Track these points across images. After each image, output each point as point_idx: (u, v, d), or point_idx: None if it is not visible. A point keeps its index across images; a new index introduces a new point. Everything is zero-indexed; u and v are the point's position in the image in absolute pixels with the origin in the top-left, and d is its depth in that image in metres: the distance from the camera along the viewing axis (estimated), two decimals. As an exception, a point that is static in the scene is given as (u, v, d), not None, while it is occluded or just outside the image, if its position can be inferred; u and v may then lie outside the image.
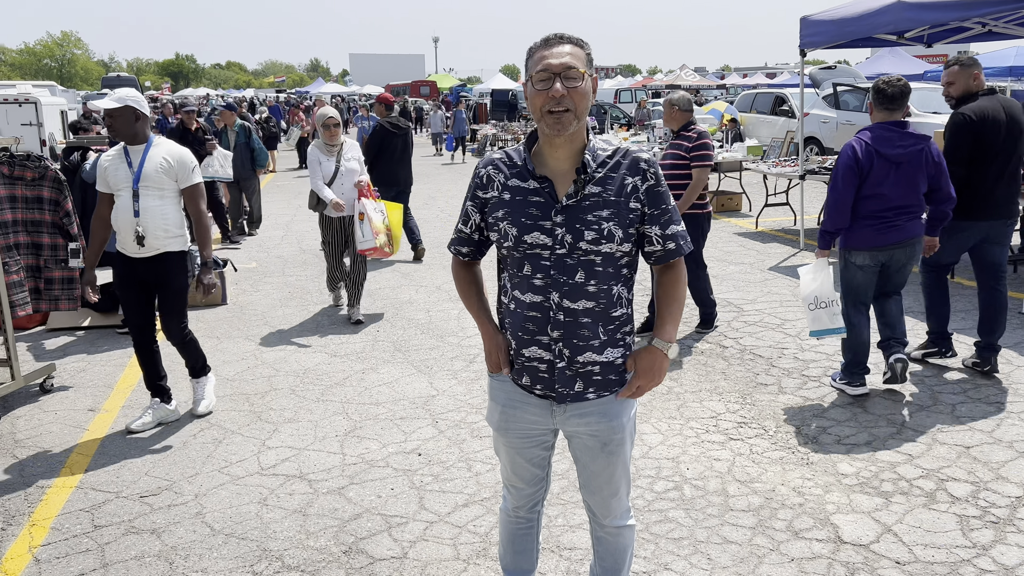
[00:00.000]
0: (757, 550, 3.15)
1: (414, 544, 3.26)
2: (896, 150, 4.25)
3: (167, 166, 4.26)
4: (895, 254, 4.38)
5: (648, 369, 2.18)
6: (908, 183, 4.28)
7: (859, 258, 4.41)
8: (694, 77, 34.03)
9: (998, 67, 17.61)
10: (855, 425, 4.25)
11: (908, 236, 4.35)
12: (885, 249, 4.36)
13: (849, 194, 4.28)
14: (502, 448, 2.34)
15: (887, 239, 4.32)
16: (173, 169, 4.27)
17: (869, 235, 4.34)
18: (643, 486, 3.67)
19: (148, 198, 4.24)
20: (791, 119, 16.15)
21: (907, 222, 4.34)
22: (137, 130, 4.21)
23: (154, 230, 4.25)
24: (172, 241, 4.33)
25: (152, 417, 4.46)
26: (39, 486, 3.84)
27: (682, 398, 4.69)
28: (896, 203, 4.29)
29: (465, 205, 2.26)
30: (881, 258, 4.39)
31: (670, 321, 2.20)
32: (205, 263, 4.36)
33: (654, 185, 2.12)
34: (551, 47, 2.05)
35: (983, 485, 3.59)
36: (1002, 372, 4.92)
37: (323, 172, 6.24)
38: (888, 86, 4.30)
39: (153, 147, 4.29)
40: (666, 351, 2.19)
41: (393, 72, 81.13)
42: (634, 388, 2.19)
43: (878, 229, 4.32)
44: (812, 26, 8.32)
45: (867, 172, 4.26)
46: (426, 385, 5.03)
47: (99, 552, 3.26)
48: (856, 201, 4.33)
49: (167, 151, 4.29)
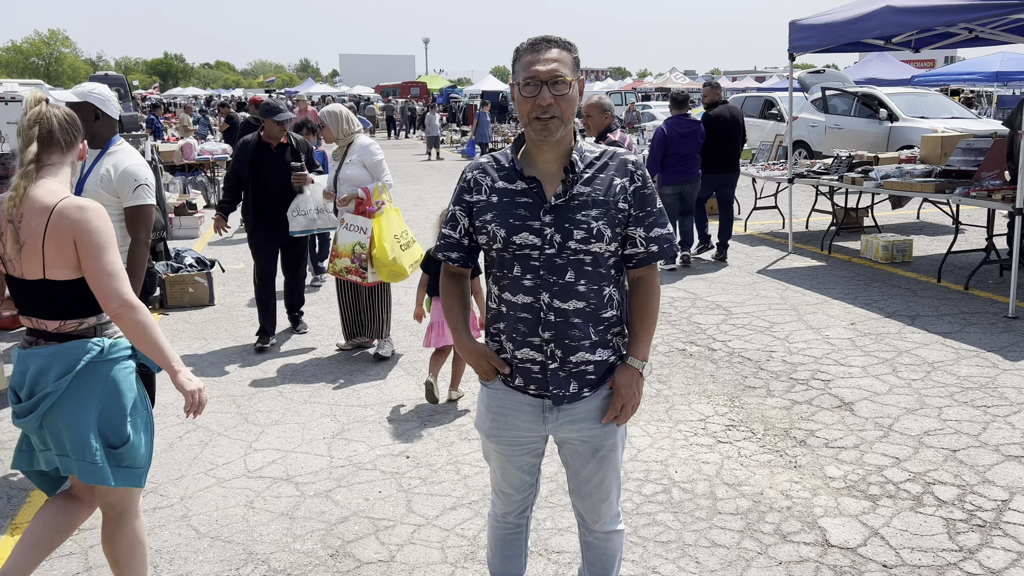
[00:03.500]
0: (745, 553, 3.15)
1: (401, 547, 3.25)
2: (684, 130, 7.81)
3: (107, 179, 3.63)
4: (685, 187, 7.94)
5: (627, 385, 2.15)
6: (691, 147, 7.83)
7: (668, 189, 7.89)
8: (684, 80, 34.15)
9: (985, 72, 17.75)
10: (843, 428, 4.26)
11: (692, 176, 7.93)
12: (680, 184, 7.89)
13: (659, 154, 7.78)
14: (492, 455, 2.32)
15: (682, 177, 7.87)
16: (113, 184, 3.63)
17: (672, 176, 7.83)
18: (631, 489, 3.67)
19: None
20: (780, 123, 16.22)
21: (690, 168, 7.88)
22: (96, 131, 3.67)
23: None
24: None
25: None
26: (22, 488, 3.79)
27: (671, 401, 4.69)
28: (685, 158, 7.82)
29: (452, 210, 2.23)
30: (679, 189, 7.92)
31: (644, 338, 2.17)
32: None
33: (641, 187, 2.12)
34: (538, 51, 2.04)
35: (970, 488, 3.61)
36: (988, 376, 4.96)
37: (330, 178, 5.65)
38: (679, 95, 8.08)
39: (107, 154, 3.69)
40: (640, 369, 2.16)
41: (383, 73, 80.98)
42: (618, 408, 2.16)
43: (677, 172, 7.83)
44: (801, 31, 8.36)
45: (669, 141, 7.75)
46: (414, 387, 5.01)
47: (83, 556, 3.22)
48: (664, 157, 7.79)
49: (116, 161, 3.66)
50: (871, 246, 8.35)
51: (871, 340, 5.69)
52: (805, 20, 8.36)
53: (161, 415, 4.61)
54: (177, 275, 6.93)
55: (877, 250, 8.25)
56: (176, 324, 6.48)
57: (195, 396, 2.45)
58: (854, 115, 14.49)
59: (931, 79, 19.19)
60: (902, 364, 5.20)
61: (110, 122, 3.77)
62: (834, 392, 4.77)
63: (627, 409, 2.17)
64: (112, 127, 3.79)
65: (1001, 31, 7.74)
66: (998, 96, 25.21)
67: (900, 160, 9.16)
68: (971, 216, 10.48)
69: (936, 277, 7.42)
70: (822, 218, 10.72)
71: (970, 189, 6.87)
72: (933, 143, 8.67)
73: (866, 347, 5.55)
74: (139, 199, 3.66)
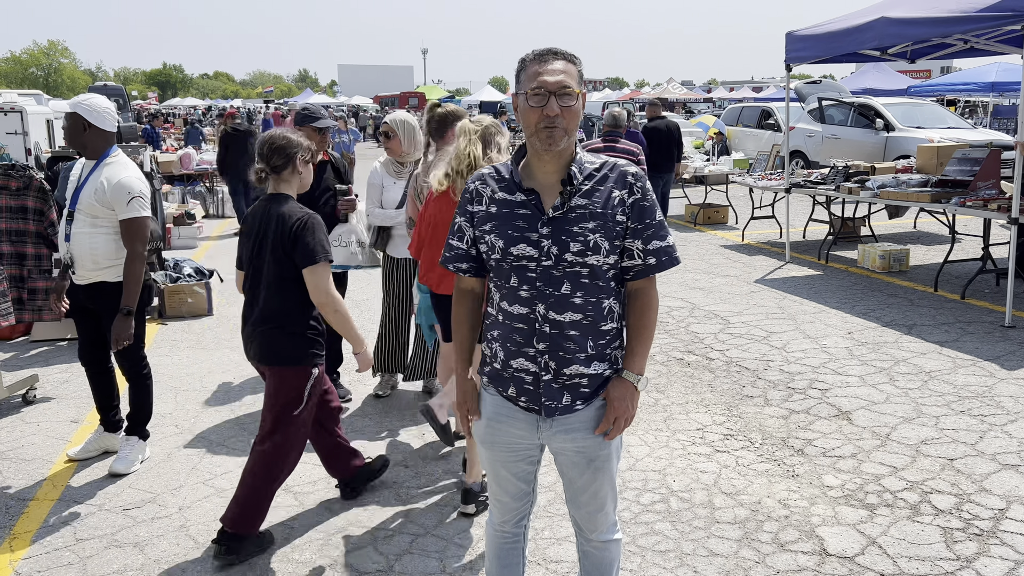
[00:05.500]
0: (743, 562, 3.16)
1: (400, 558, 3.25)
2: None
3: (101, 192, 3.70)
4: None
5: (620, 399, 2.15)
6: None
7: None
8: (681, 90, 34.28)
9: (980, 83, 17.83)
10: (840, 437, 4.27)
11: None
12: None
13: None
14: (487, 462, 2.33)
15: None
16: (107, 196, 3.70)
17: None
18: (629, 498, 3.67)
19: (80, 223, 3.78)
20: (777, 133, 16.28)
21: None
22: (86, 142, 3.74)
23: (81, 259, 3.79)
24: (105, 272, 3.84)
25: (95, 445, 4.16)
26: (20, 499, 3.79)
27: (668, 410, 4.70)
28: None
29: (457, 221, 2.24)
30: None
31: (640, 352, 2.17)
32: (126, 311, 3.72)
33: (640, 199, 2.13)
34: (545, 63, 2.06)
35: (967, 497, 3.61)
36: (985, 385, 4.97)
37: (385, 200, 4.72)
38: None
39: (102, 166, 3.76)
40: (636, 384, 2.16)
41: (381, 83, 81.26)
42: (611, 421, 2.16)
43: None
44: (798, 42, 8.41)
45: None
46: (413, 396, 5.02)
47: (81, 566, 3.22)
48: None
49: (110, 173, 3.72)
50: (868, 255, 8.37)
51: (868, 349, 5.71)
52: (802, 31, 8.41)
53: (159, 425, 4.61)
54: (176, 285, 6.94)
55: (874, 259, 8.28)
56: (174, 334, 6.49)
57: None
58: (851, 125, 14.54)
59: (927, 89, 19.28)
60: (899, 373, 5.21)
61: (102, 134, 3.79)
62: (831, 401, 4.78)
63: (619, 423, 2.17)
64: (106, 139, 3.80)
65: (996, 42, 7.79)
66: (994, 106, 25.33)
67: (896, 170, 9.19)
68: (967, 226, 10.52)
69: (933, 286, 7.45)
70: (819, 228, 10.75)
71: (966, 199, 6.90)
72: (929, 153, 8.71)
73: (863, 356, 5.56)
74: (133, 211, 3.71)
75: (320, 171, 4.59)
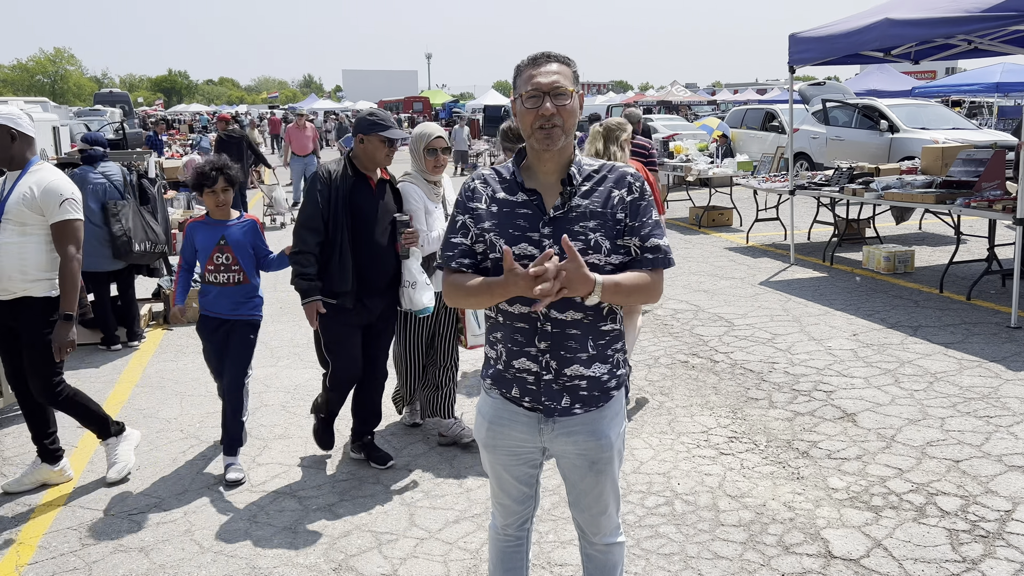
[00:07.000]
0: (748, 565, 3.15)
1: (404, 561, 3.25)
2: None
3: (30, 197, 3.60)
4: None
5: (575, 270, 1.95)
6: None
7: None
8: (685, 93, 34.28)
9: (985, 83, 17.81)
10: (845, 439, 4.26)
11: None
12: None
13: None
14: (489, 465, 2.34)
15: None
16: (36, 201, 3.60)
17: None
18: (634, 501, 3.67)
19: (6, 233, 3.61)
20: (781, 135, 16.27)
21: None
22: (13, 153, 3.65)
23: (9, 271, 3.62)
24: (33, 285, 3.67)
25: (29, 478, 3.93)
26: (26, 504, 3.81)
27: (673, 413, 4.69)
28: None
29: (458, 219, 2.21)
30: None
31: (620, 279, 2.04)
32: (65, 316, 3.62)
33: (638, 198, 2.14)
34: (539, 66, 2.10)
35: (972, 499, 3.60)
36: (990, 386, 4.95)
37: (430, 226, 4.11)
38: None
39: (27, 174, 3.67)
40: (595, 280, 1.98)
41: (386, 88, 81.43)
42: (557, 275, 1.94)
43: None
44: (801, 43, 8.40)
45: None
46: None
47: (87, 571, 3.23)
48: None
49: (37, 179, 3.64)
50: (873, 257, 8.35)
51: (873, 351, 5.69)
52: (805, 33, 8.41)
53: (165, 430, 4.62)
54: (181, 290, 6.95)
55: (879, 261, 8.26)
56: (179, 339, 6.50)
57: None
58: (855, 127, 14.52)
59: (932, 90, 19.26)
60: (904, 375, 5.20)
61: (28, 140, 3.74)
62: (836, 403, 4.76)
63: (561, 279, 1.94)
64: (31, 145, 3.75)
65: (1000, 42, 7.78)
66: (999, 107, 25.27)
67: (901, 171, 9.18)
68: (973, 227, 10.49)
69: (938, 287, 7.43)
70: (824, 229, 10.73)
71: (971, 200, 6.88)
72: (934, 154, 8.69)
73: (868, 358, 5.55)
74: (65, 214, 3.64)
75: (382, 192, 3.84)
